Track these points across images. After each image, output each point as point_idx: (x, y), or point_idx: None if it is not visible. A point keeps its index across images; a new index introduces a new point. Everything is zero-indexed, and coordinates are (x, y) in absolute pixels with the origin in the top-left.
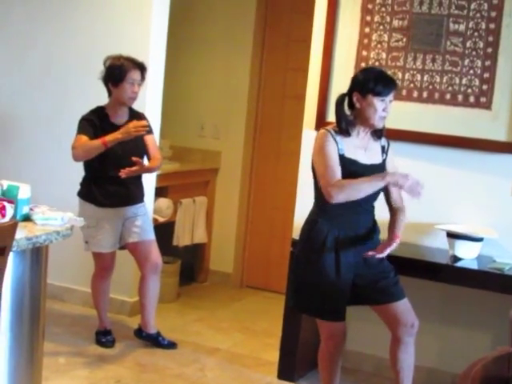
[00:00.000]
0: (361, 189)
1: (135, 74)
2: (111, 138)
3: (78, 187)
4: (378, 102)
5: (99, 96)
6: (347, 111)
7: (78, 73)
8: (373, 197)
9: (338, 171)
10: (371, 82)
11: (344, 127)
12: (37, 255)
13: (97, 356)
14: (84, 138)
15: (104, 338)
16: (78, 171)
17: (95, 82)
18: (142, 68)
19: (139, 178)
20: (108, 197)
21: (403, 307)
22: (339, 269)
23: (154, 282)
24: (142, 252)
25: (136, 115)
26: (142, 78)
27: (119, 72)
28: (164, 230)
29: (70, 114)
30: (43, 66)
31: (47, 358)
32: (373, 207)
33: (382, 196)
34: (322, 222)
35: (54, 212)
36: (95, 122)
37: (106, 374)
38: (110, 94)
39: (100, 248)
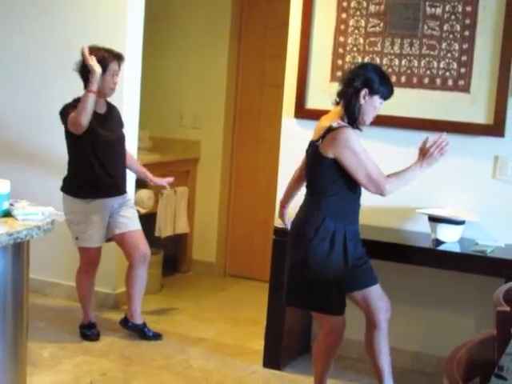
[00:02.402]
0: (408, 180)
1: (115, 65)
2: (90, 83)
3: (58, 181)
4: (379, 105)
5: (79, 88)
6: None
7: (56, 65)
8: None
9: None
10: (383, 84)
11: (361, 122)
12: (18, 250)
13: (81, 349)
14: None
15: (88, 331)
16: (58, 164)
17: (74, 74)
18: (120, 59)
19: (124, 168)
20: (96, 189)
21: (379, 291)
22: (347, 263)
23: (143, 271)
24: (130, 242)
25: (111, 105)
26: (119, 68)
27: (101, 64)
28: (146, 222)
29: (49, 107)
30: (20, 60)
31: (31, 353)
32: None
33: None
34: (329, 218)
35: (35, 207)
36: None
37: (91, 368)
38: (86, 85)
39: (91, 243)
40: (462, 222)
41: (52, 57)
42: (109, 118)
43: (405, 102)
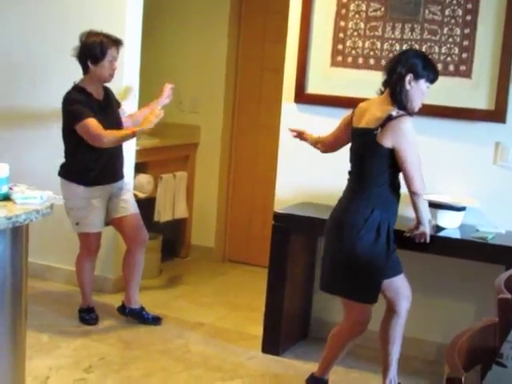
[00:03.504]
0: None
1: (114, 51)
2: (138, 129)
3: (55, 165)
4: (426, 88)
5: (76, 73)
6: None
7: (54, 49)
8: None
9: None
10: (426, 67)
11: (410, 109)
12: (17, 234)
13: (80, 334)
14: (94, 121)
15: (87, 315)
16: (55, 149)
17: (71, 59)
18: (119, 44)
19: (122, 154)
20: (96, 176)
21: (405, 280)
22: (389, 252)
23: (140, 256)
24: (129, 226)
25: (107, 89)
26: (118, 53)
27: (100, 50)
28: (145, 206)
29: (47, 92)
30: (18, 45)
31: (30, 337)
32: None
33: None
34: (377, 209)
35: (34, 191)
36: (85, 102)
37: (89, 352)
38: (86, 71)
39: (92, 228)
40: (462, 209)
41: (50, 40)
42: (107, 104)
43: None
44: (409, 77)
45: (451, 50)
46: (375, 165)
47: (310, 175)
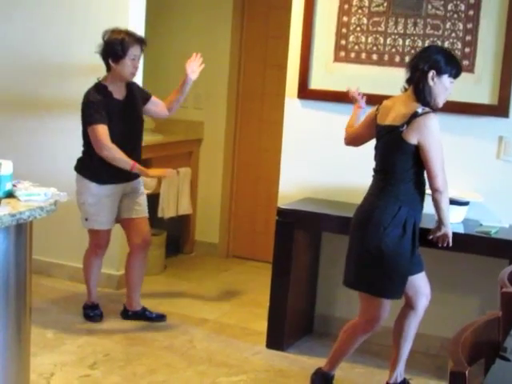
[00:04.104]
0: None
1: (136, 50)
2: (140, 169)
3: (61, 161)
4: (450, 84)
5: (80, 69)
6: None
7: (58, 45)
8: None
9: None
10: (449, 63)
11: (434, 105)
12: (21, 231)
13: (85, 330)
14: (103, 128)
15: (92, 312)
16: (60, 145)
17: (74, 55)
18: (142, 42)
19: (139, 154)
20: (111, 175)
21: (425, 277)
22: (414, 249)
23: (143, 259)
24: (135, 229)
25: (131, 85)
26: (142, 52)
27: (121, 48)
28: (149, 202)
29: (52, 88)
30: (23, 40)
31: (35, 334)
32: None
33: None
34: (404, 206)
35: (37, 188)
36: (103, 103)
37: (94, 349)
38: (108, 68)
39: (100, 225)
40: (466, 203)
41: (53, 35)
42: (128, 104)
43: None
44: (431, 73)
45: (454, 44)
46: (401, 162)
47: (313, 171)
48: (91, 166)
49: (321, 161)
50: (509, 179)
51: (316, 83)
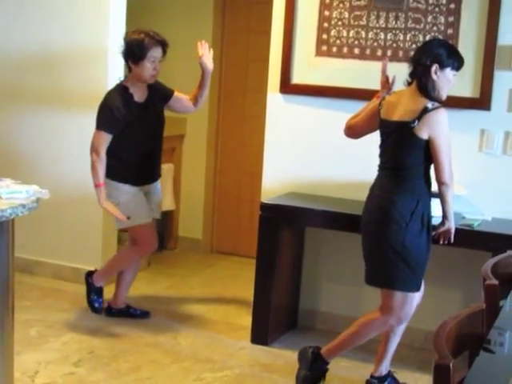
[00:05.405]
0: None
1: (156, 52)
2: (99, 194)
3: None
4: (453, 76)
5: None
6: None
7: (40, 41)
8: None
9: None
10: (451, 56)
11: (438, 98)
12: (3, 229)
13: (69, 328)
14: (104, 136)
15: (97, 298)
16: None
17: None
18: (163, 44)
19: (160, 155)
20: (136, 177)
21: None
22: (430, 241)
23: (139, 260)
24: (147, 232)
25: (152, 86)
26: (164, 54)
27: (140, 49)
28: None
29: (34, 83)
30: (3, 36)
31: (18, 332)
32: None
33: None
34: (421, 200)
35: (19, 185)
36: (121, 110)
37: (78, 346)
38: (129, 69)
39: (145, 218)
40: None
41: (33, 39)
42: (149, 106)
43: (390, 76)
44: (434, 67)
45: None
46: (414, 157)
47: (296, 165)
48: (117, 170)
49: (304, 155)
50: (491, 172)
51: (298, 78)
